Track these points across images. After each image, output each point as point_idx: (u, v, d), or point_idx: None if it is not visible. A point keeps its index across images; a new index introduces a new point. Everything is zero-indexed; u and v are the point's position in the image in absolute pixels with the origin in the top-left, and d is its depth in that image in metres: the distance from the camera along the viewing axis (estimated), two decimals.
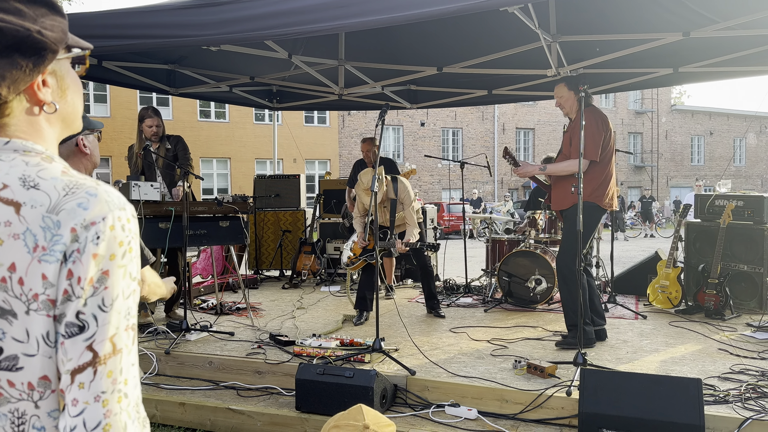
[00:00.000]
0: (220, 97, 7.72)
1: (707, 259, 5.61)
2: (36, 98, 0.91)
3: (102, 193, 0.85)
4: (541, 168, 4.60)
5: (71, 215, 0.82)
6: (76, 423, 0.82)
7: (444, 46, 5.77)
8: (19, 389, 0.83)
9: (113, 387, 0.84)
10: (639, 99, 35.89)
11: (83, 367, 0.82)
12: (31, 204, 0.83)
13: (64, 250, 0.81)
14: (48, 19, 0.88)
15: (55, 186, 0.85)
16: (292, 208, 8.10)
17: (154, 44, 3.95)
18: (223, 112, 25.37)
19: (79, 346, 0.82)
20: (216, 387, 3.99)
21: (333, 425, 1.36)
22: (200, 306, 5.84)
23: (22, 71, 0.86)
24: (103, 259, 0.83)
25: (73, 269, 0.81)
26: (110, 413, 0.83)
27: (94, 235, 0.82)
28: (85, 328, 0.82)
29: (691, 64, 5.73)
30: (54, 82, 0.93)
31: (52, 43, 0.88)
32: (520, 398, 3.40)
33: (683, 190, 34.82)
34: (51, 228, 0.82)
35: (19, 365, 0.83)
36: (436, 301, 5.58)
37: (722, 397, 3.26)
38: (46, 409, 0.84)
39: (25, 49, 0.85)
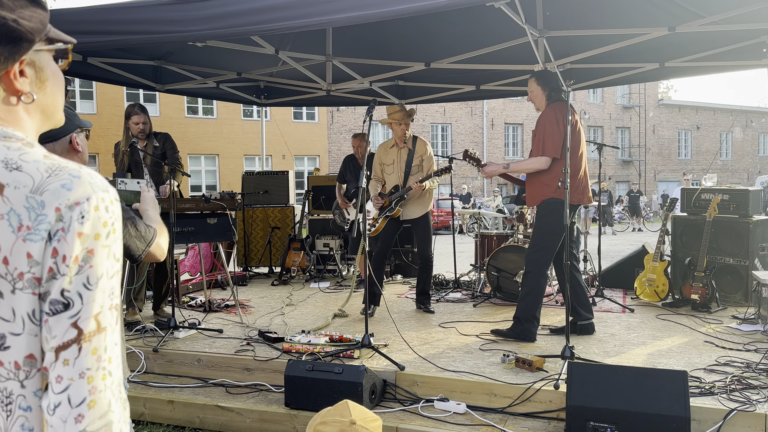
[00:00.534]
0: (207, 93, 7.67)
1: (694, 253, 5.66)
2: (13, 87, 0.91)
3: (85, 175, 0.87)
4: (504, 166, 4.64)
5: (55, 195, 0.83)
6: (61, 400, 0.82)
7: (432, 41, 5.76)
8: (7, 368, 0.84)
9: (98, 364, 0.84)
10: (626, 94, 36.09)
11: (68, 344, 0.82)
12: (14, 185, 0.83)
13: (49, 229, 0.82)
14: (27, 10, 0.90)
15: (38, 168, 0.85)
16: (280, 205, 8.07)
17: (139, 40, 3.91)
18: (210, 109, 25.23)
19: (63, 323, 0.82)
20: (205, 384, 3.98)
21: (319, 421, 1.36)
22: (188, 303, 5.82)
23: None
24: (88, 238, 0.84)
25: (58, 248, 0.82)
26: (95, 390, 0.84)
27: (79, 215, 0.83)
28: (69, 305, 0.83)
29: (677, 59, 5.77)
30: (32, 73, 0.93)
31: (28, 32, 0.89)
32: (508, 392, 3.42)
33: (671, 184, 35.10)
34: (35, 208, 0.82)
35: (6, 344, 0.83)
36: (427, 297, 5.59)
37: (708, 389, 3.30)
38: (31, 388, 0.85)
39: (0, 37, 0.86)
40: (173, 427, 3.69)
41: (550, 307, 5.64)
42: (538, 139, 4.41)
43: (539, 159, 4.36)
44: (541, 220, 4.45)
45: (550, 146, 4.31)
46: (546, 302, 5.83)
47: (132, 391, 3.82)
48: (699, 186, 6.16)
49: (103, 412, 0.85)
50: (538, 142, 4.40)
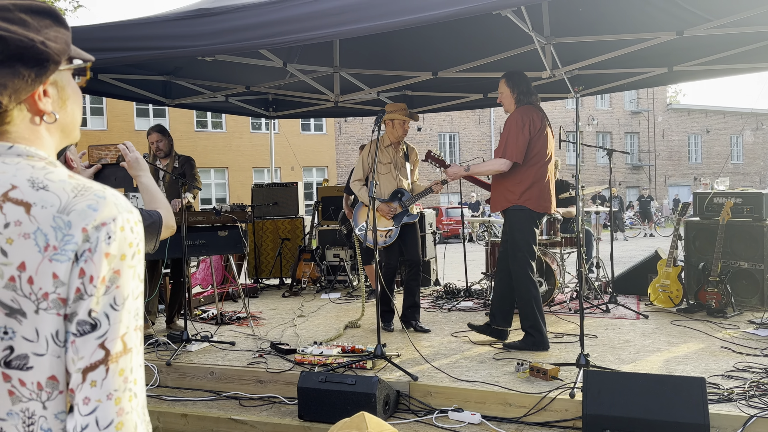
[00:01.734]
0: (216, 107, 7.73)
1: (707, 257, 5.60)
2: (36, 108, 0.92)
3: (110, 196, 0.87)
4: (465, 168, 4.55)
5: (82, 216, 0.83)
6: (88, 422, 0.82)
7: (438, 50, 5.78)
8: (29, 389, 0.83)
9: (125, 386, 0.84)
10: (635, 99, 35.98)
11: (95, 365, 0.82)
12: (41, 204, 0.83)
13: (76, 249, 0.82)
14: (52, 30, 0.90)
15: (64, 188, 0.86)
16: (290, 216, 8.09)
17: (149, 56, 3.95)
18: (219, 122, 25.40)
19: (91, 344, 0.82)
20: (218, 397, 3.97)
21: None
22: (200, 316, 5.83)
23: (24, 81, 0.87)
24: (115, 258, 0.84)
25: (86, 268, 0.82)
26: (122, 412, 0.83)
27: (106, 235, 0.83)
28: (97, 326, 0.82)
29: (685, 63, 5.75)
30: (55, 93, 0.94)
31: (55, 54, 0.90)
32: (523, 401, 3.39)
33: (681, 189, 34.91)
34: (62, 228, 0.82)
35: (29, 364, 0.82)
36: (418, 309, 5.12)
37: (726, 396, 3.25)
38: (53, 410, 0.84)
39: (28, 59, 0.86)
40: None
41: (563, 315, 5.60)
42: (501, 140, 4.35)
43: (498, 161, 4.28)
44: (512, 229, 4.35)
45: (512, 149, 4.22)
46: (558, 310, 5.79)
47: None
48: (710, 190, 6.12)
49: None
50: (501, 144, 4.34)
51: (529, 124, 4.23)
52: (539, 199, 4.29)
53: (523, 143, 4.20)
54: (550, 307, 5.87)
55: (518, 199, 4.26)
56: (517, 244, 4.32)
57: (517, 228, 4.33)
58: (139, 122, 23.61)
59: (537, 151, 4.29)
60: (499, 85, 4.46)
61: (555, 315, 5.60)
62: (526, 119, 4.23)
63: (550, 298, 5.69)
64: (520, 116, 4.25)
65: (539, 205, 4.29)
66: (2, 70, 0.85)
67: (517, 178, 4.27)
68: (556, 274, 5.64)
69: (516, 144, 4.21)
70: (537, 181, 4.28)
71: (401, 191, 5.07)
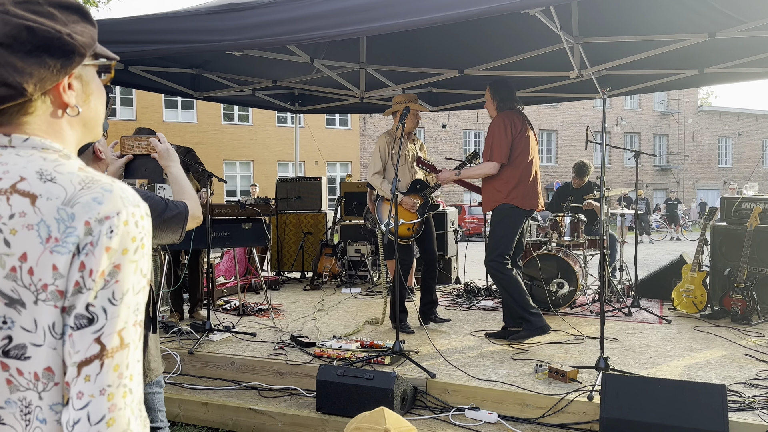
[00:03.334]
0: (243, 100, 7.80)
1: (734, 263, 5.51)
2: (60, 100, 0.93)
3: (117, 189, 0.87)
4: (456, 173, 4.70)
5: (86, 208, 0.83)
6: (80, 416, 0.82)
7: (465, 48, 5.76)
8: (27, 378, 0.84)
9: (119, 381, 0.84)
10: (665, 100, 35.38)
11: (90, 360, 0.82)
12: (47, 196, 0.84)
13: (77, 242, 0.82)
14: (79, 25, 0.92)
15: (71, 180, 0.86)
16: (313, 210, 8.15)
17: (179, 50, 4.01)
18: (246, 115, 25.63)
19: (87, 338, 0.82)
20: (238, 387, 4.04)
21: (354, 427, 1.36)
22: (223, 307, 5.91)
23: (49, 71, 0.88)
24: (116, 252, 0.83)
25: (86, 261, 0.82)
26: (114, 407, 0.83)
27: (108, 229, 0.83)
28: (94, 320, 0.82)
29: (716, 65, 5.64)
30: (79, 87, 0.96)
31: (81, 47, 0.91)
32: (540, 402, 3.38)
33: (710, 192, 34.25)
34: (65, 220, 0.83)
35: (27, 354, 0.83)
36: (436, 304, 5.17)
37: (748, 404, 3.20)
38: (48, 401, 0.84)
39: (54, 50, 0.88)
40: (207, 429, 3.75)
41: (584, 317, 5.56)
42: (487, 145, 4.57)
43: (487, 164, 4.51)
44: (496, 225, 4.56)
45: (497, 152, 4.45)
46: (580, 312, 5.75)
47: (167, 393, 3.90)
48: (740, 194, 6.01)
49: (121, 430, 0.84)
50: (487, 149, 4.56)
51: (511, 126, 4.49)
52: (526, 197, 4.50)
53: (507, 145, 4.45)
54: (572, 309, 5.84)
55: (506, 197, 4.48)
56: (498, 239, 4.51)
57: (500, 224, 4.53)
58: (167, 114, 23.94)
59: (520, 152, 4.52)
60: (485, 92, 4.75)
61: (576, 317, 5.56)
62: (508, 122, 4.48)
63: (571, 299, 5.65)
64: (502, 120, 4.50)
65: (526, 202, 4.51)
66: (29, 59, 0.86)
67: (504, 178, 4.49)
68: (578, 276, 5.60)
69: (500, 146, 4.45)
70: (523, 180, 4.50)
71: (420, 182, 5.07)
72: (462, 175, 4.70)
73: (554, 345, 4.52)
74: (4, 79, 0.85)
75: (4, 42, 0.85)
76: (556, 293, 5.65)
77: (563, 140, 32.28)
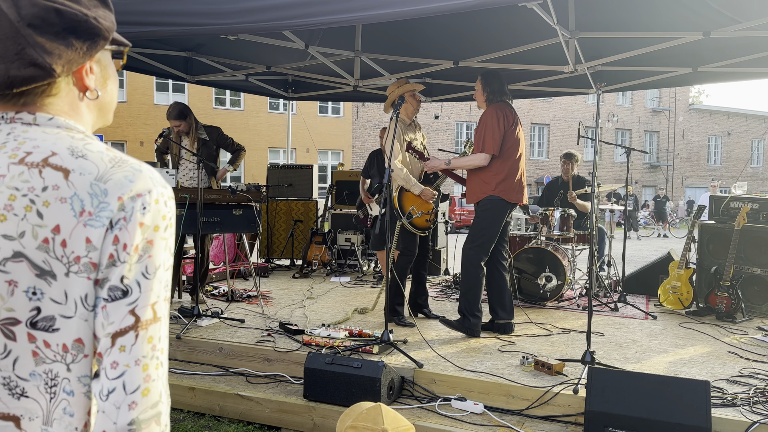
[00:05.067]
0: (236, 85, 7.75)
1: (720, 261, 5.57)
2: (82, 83, 0.95)
3: (146, 170, 0.90)
4: (446, 162, 4.67)
5: (118, 186, 0.86)
6: (115, 385, 0.83)
7: (461, 39, 5.74)
8: (54, 350, 0.84)
9: (152, 353, 0.86)
10: (656, 97, 35.53)
11: (125, 331, 0.84)
12: (79, 171, 0.86)
13: (111, 217, 0.84)
14: (100, 9, 0.94)
15: (102, 158, 0.88)
16: (304, 198, 8.13)
17: (172, 32, 3.96)
18: (238, 100, 25.44)
19: (122, 310, 0.84)
20: (226, 373, 4.04)
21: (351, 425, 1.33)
22: (211, 293, 5.90)
23: (76, 53, 0.90)
24: (148, 229, 0.86)
25: (120, 236, 0.84)
26: (149, 378, 0.85)
27: (141, 206, 0.86)
28: (128, 292, 0.84)
29: (710, 64, 5.67)
30: (99, 71, 0.98)
31: (105, 31, 0.94)
32: (526, 394, 3.41)
33: (698, 191, 34.52)
34: (98, 195, 0.85)
35: (55, 326, 0.84)
36: (427, 297, 5.17)
37: (730, 400, 3.25)
38: (76, 373, 0.86)
39: (81, 32, 0.90)
40: (193, 414, 3.75)
41: (571, 311, 5.60)
42: (478, 136, 4.53)
43: (479, 155, 4.48)
44: (480, 216, 4.55)
45: (489, 144, 4.43)
46: (567, 306, 5.79)
47: None
48: (727, 194, 6.06)
49: (154, 401, 0.86)
50: (478, 140, 4.53)
51: (503, 119, 4.46)
52: (512, 191, 4.50)
53: (500, 137, 4.44)
54: (559, 303, 5.88)
55: (494, 189, 4.47)
56: (481, 230, 4.50)
57: (484, 216, 4.51)
58: (158, 96, 23.70)
59: (510, 146, 4.51)
60: (476, 83, 4.69)
61: (563, 310, 5.61)
62: (500, 114, 4.46)
63: (559, 293, 5.69)
64: (494, 112, 4.47)
65: (512, 196, 4.50)
66: (57, 41, 0.88)
67: (493, 170, 4.47)
68: (566, 270, 5.64)
69: (493, 138, 4.42)
70: (511, 174, 4.49)
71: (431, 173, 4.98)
72: (452, 165, 4.66)
73: (541, 338, 4.55)
74: (34, 60, 0.87)
75: (33, 23, 0.87)
76: (544, 287, 5.69)
77: (555, 135, 32.36)
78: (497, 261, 4.62)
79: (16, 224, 0.83)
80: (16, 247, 0.83)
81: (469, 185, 4.64)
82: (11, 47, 0.86)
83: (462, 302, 4.54)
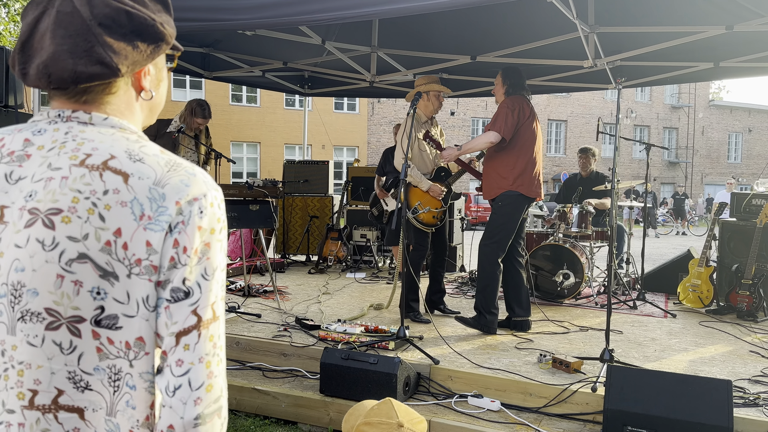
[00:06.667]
0: (252, 81, 7.77)
1: (741, 259, 5.48)
2: (139, 84, 0.99)
3: (200, 174, 0.93)
4: (458, 147, 4.61)
5: (176, 190, 0.88)
6: (182, 382, 0.87)
7: (479, 34, 5.70)
8: (117, 347, 0.88)
9: (214, 351, 0.90)
10: (676, 93, 35.07)
11: (189, 330, 0.88)
12: (138, 176, 0.88)
13: (170, 221, 0.87)
14: (163, 14, 0.98)
15: (158, 162, 0.91)
16: (320, 194, 8.14)
17: (190, 27, 3.97)
18: (254, 97, 25.54)
19: (184, 310, 0.88)
20: (242, 367, 4.06)
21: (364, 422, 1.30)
22: (228, 287, 5.93)
23: (141, 55, 0.94)
24: (206, 232, 0.89)
25: (179, 239, 0.87)
26: (212, 375, 0.89)
27: (198, 210, 0.89)
28: (190, 293, 0.88)
29: (732, 59, 5.58)
30: (154, 73, 1.01)
31: (168, 36, 0.98)
32: (544, 392, 3.39)
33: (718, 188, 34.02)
34: (157, 199, 0.87)
35: (118, 324, 0.87)
36: (443, 295, 5.14)
37: (752, 400, 3.20)
38: (138, 369, 0.89)
39: (147, 36, 0.94)
40: None
41: (589, 309, 5.55)
42: (492, 120, 4.47)
43: (488, 133, 4.39)
44: (497, 212, 4.48)
45: (501, 125, 4.35)
46: (585, 303, 5.74)
47: None
48: (749, 191, 5.96)
49: (216, 396, 0.90)
50: (491, 122, 4.46)
51: (519, 109, 4.41)
52: (530, 185, 4.43)
53: (512, 123, 4.36)
54: (576, 300, 5.83)
55: (511, 184, 4.40)
56: (498, 227, 4.44)
57: (502, 213, 4.45)
58: (176, 93, 23.87)
59: (526, 139, 4.45)
60: (496, 77, 4.65)
61: (581, 308, 5.56)
62: (516, 105, 4.41)
63: (577, 291, 5.63)
64: (511, 101, 4.44)
65: (531, 190, 4.44)
66: (124, 42, 0.92)
67: (510, 164, 4.40)
68: (584, 268, 5.59)
69: (505, 121, 4.35)
70: (528, 168, 4.43)
71: (443, 170, 4.99)
72: (463, 148, 4.58)
73: (558, 336, 4.52)
74: (102, 58, 0.90)
75: (104, 23, 0.90)
76: (562, 284, 5.64)
77: (572, 131, 32.09)
78: (513, 258, 4.58)
79: (80, 226, 0.85)
80: (81, 248, 0.85)
81: (485, 180, 4.58)
82: (81, 44, 0.89)
83: (478, 299, 4.50)
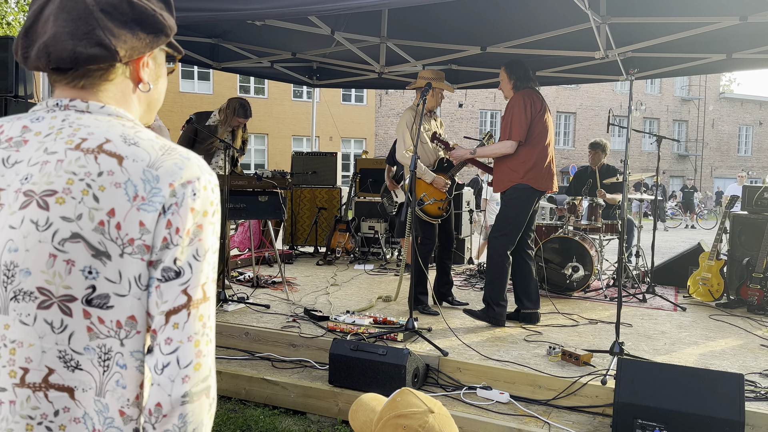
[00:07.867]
0: (261, 72, 7.75)
1: (752, 253, 5.44)
2: (137, 74, 1.02)
3: (194, 158, 0.95)
4: (471, 151, 4.60)
5: (169, 173, 0.91)
6: (170, 360, 0.89)
7: (489, 25, 5.65)
8: (108, 326, 0.89)
9: (203, 330, 0.92)
10: (686, 85, 34.77)
11: (178, 309, 0.90)
12: (132, 158, 0.90)
13: (163, 202, 0.89)
14: (165, 11, 1.03)
15: (153, 146, 0.93)
16: (328, 186, 8.13)
17: (200, 18, 3.96)
18: (262, 88, 25.54)
19: (175, 289, 0.90)
20: (252, 357, 4.07)
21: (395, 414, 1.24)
22: (237, 278, 5.94)
23: (141, 42, 0.98)
24: (198, 214, 0.91)
25: (172, 220, 0.89)
26: (200, 354, 0.91)
27: (191, 192, 0.91)
28: (181, 273, 0.90)
29: (746, 50, 5.51)
30: (153, 67, 1.05)
31: (168, 28, 1.01)
32: (553, 384, 3.38)
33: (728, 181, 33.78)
34: (150, 181, 0.89)
35: (109, 304, 0.88)
36: (451, 287, 5.13)
37: (763, 394, 3.18)
38: (129, 348, 0.90)
39: (147, 25, 0.98)
40: (220, 397, 3.79)
41: (598, 302, 5.53)
42: (505, 123, 4.45)
43: (505, 143, 4.39)
44: (507, 205, 4.47)
45: (517, 130, 4.34)
46: (594, 296, 5.72)
47: None
48: (761, 184, 5.91)
49: (204, 375, 0.91)
50: (505, 127, 4.45)
51: (530, 105, 4.38)
52: (541, 178, 4.41)
53: (526, 124, 4.35)
54: (586, 293, 5.81)
55: (522, 177, 4.38)
56: (508, 220, 4.43)
57: (512, 205, 4.44)
58: (183, 84, 23.90)
59: (538, 132, 4.42)
60: (500, 73, 4.61)
61: (590, 301, 5.54)
62: (527, 101, 4.37)
63: (586, 283, 5.61)
64: (522, 98, 4.39)
65: (541, 183, 4.42)
66: (124, 29, 0.95)
67: (521, 158, 4.38)
68: (594, 260, 5.56)
69: (520, 125, 4.34)
70: (539, 161, 4.40)
71: (446, 160, 4.98)
72: (478, 154, 4.58)
73: (567, 328, 4.50)
74: (101, 40, 0.93)
75: (106, 9, 0.94)
76: (571, 277, 5.62)
77: (581, 123, 31.90)
78: (523, 250, 4.56)
79: (74, 207, 0.87)
80: (74, 228, 0.87)
81: (496, 174, 4.56)
82: (82, 27, 0.93)
83: (487, 291, 4.49)
